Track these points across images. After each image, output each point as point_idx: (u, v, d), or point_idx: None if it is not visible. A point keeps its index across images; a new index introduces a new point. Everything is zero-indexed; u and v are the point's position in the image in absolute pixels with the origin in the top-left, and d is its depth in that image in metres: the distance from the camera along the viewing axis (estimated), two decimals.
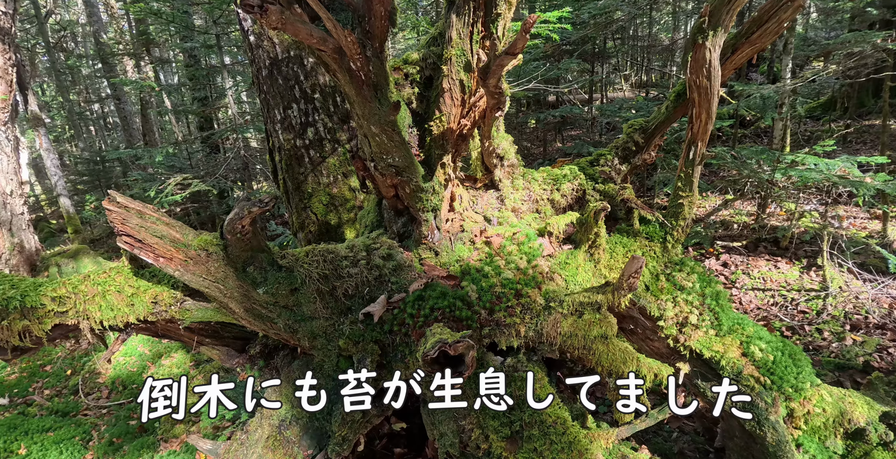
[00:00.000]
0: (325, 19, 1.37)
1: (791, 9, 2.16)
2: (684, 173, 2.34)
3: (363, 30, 1.53)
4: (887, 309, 4.95)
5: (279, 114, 3.31)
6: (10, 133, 8.44)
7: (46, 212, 18.69)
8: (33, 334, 1.70)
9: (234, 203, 6.34)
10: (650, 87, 10.46)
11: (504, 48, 1.42)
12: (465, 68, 1.67)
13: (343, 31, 1.41)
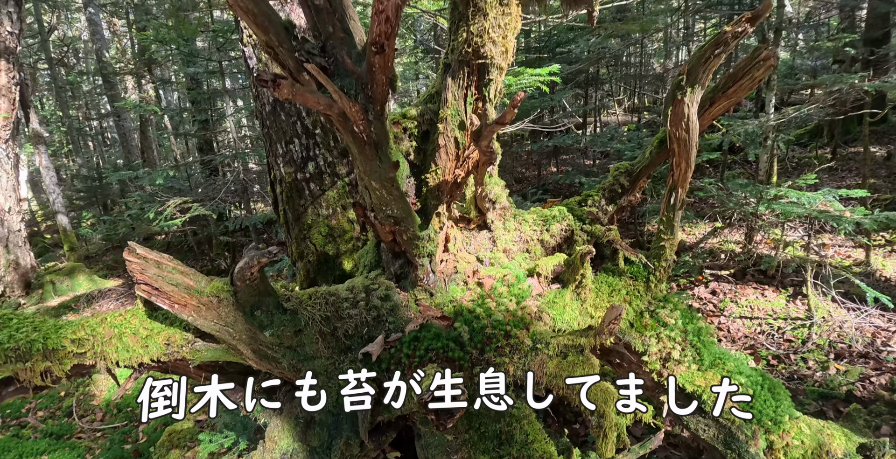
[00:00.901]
0: (332, 91, 1.51)
1: (763, 68, 2.33)
2: (666, 217, 2.48)
3: (366, 95, 1.67)
4: (870, 338, 5.07)
5: (281, 149, 3.45)
6: (10, 150, 8.54)
7: (41, 226, 18.69)
8: (53, 374, 1.79)
9: (234, 223, 6.45)
10: (643, 111, 10.74)
11: (494, 119, 1.56)
12: (460, 127, 1.81)
13: (347, 101, 1.54)
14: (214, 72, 6.24)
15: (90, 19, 14.50)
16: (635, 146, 4.92)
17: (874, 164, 9.63)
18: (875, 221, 4.83)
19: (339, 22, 1.67)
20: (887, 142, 10.94)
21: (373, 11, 1.44)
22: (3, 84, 7.83)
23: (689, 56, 2.21)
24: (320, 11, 1.64)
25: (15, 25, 7.64)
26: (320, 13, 1.64)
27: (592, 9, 1.82)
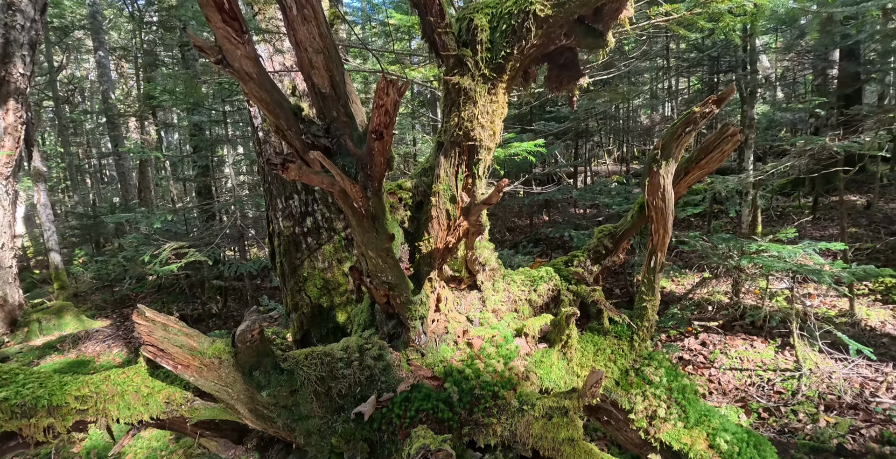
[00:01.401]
0: (335, 173, 1.66)
1: (731, 142, 2.54)
2: (647, 279, 2.61)
3: (365, 174, 1.83)
4: (859, 389, 5.11)
5: (281, 204, 3.60)
6: (10, 187, 8.64)
7: (31, 261, 18.55)
8: (55, 430, 1.83)
9: (229, 269, 6.51)
10: (631, 161, 11.14)
11: (482, 199, 1.71)
12: (451, 200, 1.96)
13: (349, 182, 1.69)
14: (218, 120, 6.50)
15: (99, 62, 15.04)
16: (622, 200, 5.13)
17: (855, 213, 9.93)
18: (853, 274, 4.98)
19: (343, 107, 1.84)
20: (867, 191, 11.30)
21: (374, 104, 1.62)
22: (9, 123, 8.03)
23: (664, 133, 2.42)
24: (326, 98, 1.82)
25: (27, 67, 7.94)
26: (326, 100, 1.82)
27: (572, 94, 2.02)
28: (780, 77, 11.02)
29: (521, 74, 1.89)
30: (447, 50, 1.80)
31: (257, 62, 1.67)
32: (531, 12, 1.69)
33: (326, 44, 1.75)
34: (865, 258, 7.98)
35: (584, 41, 1.89)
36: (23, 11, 7.61)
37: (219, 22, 1.54)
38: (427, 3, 1.74)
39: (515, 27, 1.72)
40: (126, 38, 19.68)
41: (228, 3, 1.54)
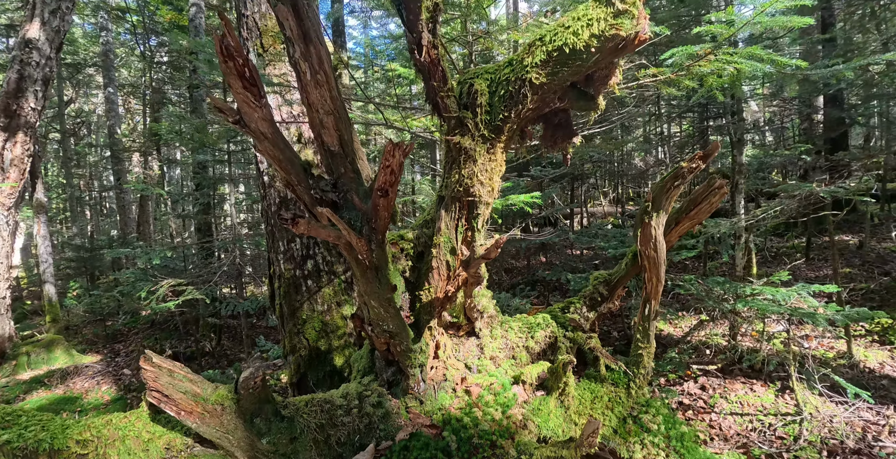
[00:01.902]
0: (341, 228, 1.74)
1: (718, 195, 2.66)
2: (642, 327, 2.66)
3: (370, 227, 1.91)
4: (861, 433, 5.04)
5: (283, 246, 3.67)
6: (11, 218, 8.69)
7: (24, 291, 18.36)
8: None
9: (227, 308, 6.48)
10: (626, 202, 11.34)
11: (481, 254, 1.79)
12: (451, 252, 2.04)
13: (354, 236, 1.77)
14: (222, 160, 6.66)
15: (108, 98, 15.44)
16: (618, 243, 5.22)
17: (848, 253, 10.03)
18: (847, 317, 5.02)
19: (350, 163, 1.95)
20: (859, 231, 11.44)
21: (381, 165, 1.72)
22: (16, 155, 8.16)
23: (653, 185, 2.53)
24: (335, 155, 1.93)
25: (38, 102, 8.14)
26: (335, 157, 1.93)
27: (566, 151, 2.14)
28: (768, 121, 11.40)
29: (518, 134, 2.01)
30: (449, 112, 1.93)
31: (272, 123, 1.79)
32: (527, 80, 1.83)
33: (336, 106, 1.87)
34: (860, 298, 8.01)
35: (577, 104, 2.03)
36: (39, 49, 7.90)
37: (240, 88, 1.67)
38: (431, 70, 1.88)
39: (513, 93, 1.86)
40: (135, 76, 20.30)
41: (249, 72, 1.67)
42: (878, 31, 7.69)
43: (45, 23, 7.99)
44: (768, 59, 2.34)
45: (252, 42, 3.71)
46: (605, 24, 1.78)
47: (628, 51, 1.89)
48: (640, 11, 1.83)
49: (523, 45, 1.89)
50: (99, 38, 16.18)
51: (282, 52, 3.71)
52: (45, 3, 7.98)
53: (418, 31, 1.81)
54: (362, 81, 9.58)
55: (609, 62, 1.94)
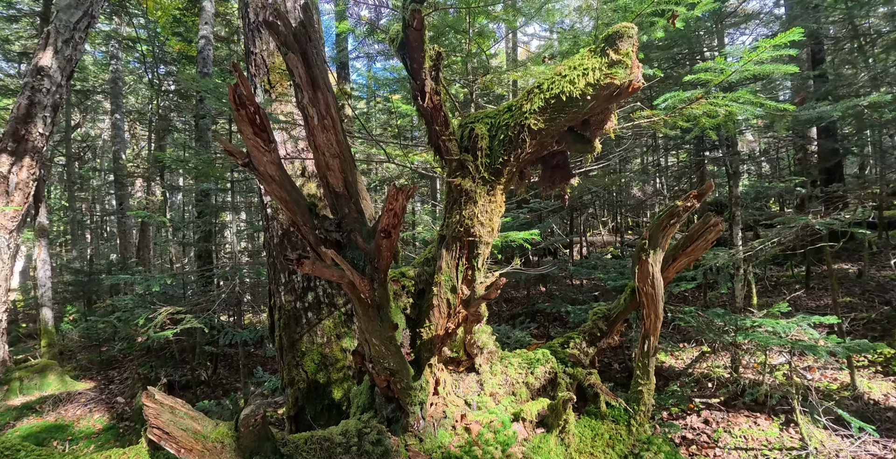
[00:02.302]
0: (345, 268, 1.78)
1: (713, 232, 2.71)
2: (641, 363, 2.66)
3: (373, 266, 1.95)
4: None
5: (284, 278, 3.69)
6: (12, 241, 8.70)
7: (19, 314, 18.21)
8: None
9: (225, 337, 6.43)
10: (625, 231, 11.40)
11: (481, 294, 1.83)
12: (451, 290, 2.07)
13: (357, 276, 1.81)
14: (225, 189, 6.74)
15: (115, 124, 15.70)
16: (617, 275, 5.25)
17: (848, 282, 10.01)
18: (848, 349, 5.00)
19: (354, 204, 2.00)
20: (857, 259, 11.44)
21: (384, 207, 1.78)
22: (22, 178, 8.24)
23: (649, 224, 2.59)
24: (339, 197, 1.98)
25: (47, 128, 8.26)
26: (339, 198, 1.98)
27: (564, 192, 2.20)
28: (763, 151, 11.60)
29: (517, 175, 2.08)
30: (451, 154, 2.00)
31: (280, 167, 1.85)
32: (526, 125, 1.90)
33: (342, 149, 1.94)
34: (862, 328, 7.97)
35: (574, 147, 2.10)
36: (51, 77, 8.09)
37: (250, 134, 1.74)
38: (433, 115, 1.96)
39: (512, 137, 1.93)
40: (142, 103, 20.70)
41: (260, 119, 1.74)
42: (865, 65, 7.93)
43: (58, 51, 8.21)
44: (757, 102, 2.43)
45: (260, 79, 3.84)
46: (600, 73, 1.86)
47: (623, 98, 1.97)
48: (634, 61, 1.92)
49: (522, 92, 1.98)
50: (109, 65, 16.60)
51: (288, 91, 3.84)
52: (60, 33, 8.22)
53: (421, 79, 1.90)
54: (365, 112, 9.80)
55: (604, 108, 2.02)
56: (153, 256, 15.95)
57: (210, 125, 8.74)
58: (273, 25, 1.94)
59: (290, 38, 1.91)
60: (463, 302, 2.01)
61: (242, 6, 4.12)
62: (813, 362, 7.07)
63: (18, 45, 15.85)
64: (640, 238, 2.64)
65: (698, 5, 2.48)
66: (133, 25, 14.81)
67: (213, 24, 10.15)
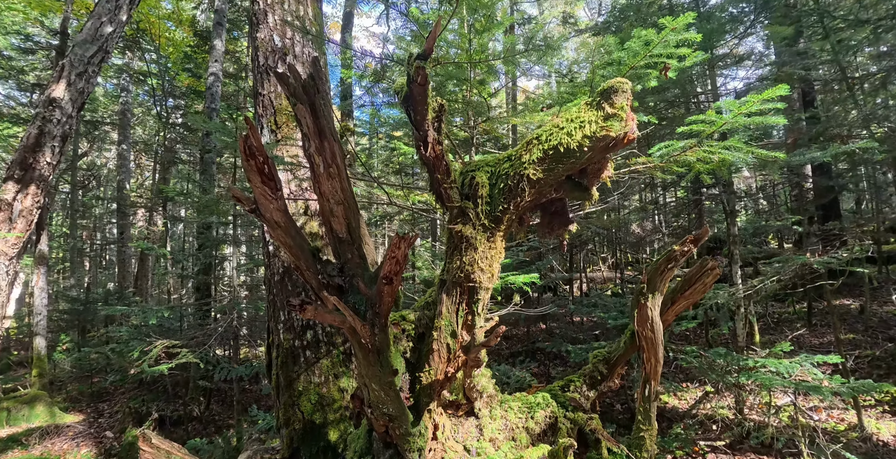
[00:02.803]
0: (347, 315, 1.79)
1: (711, 275, 2.74)
2: (643, 408, 2.63)
3: (374, 311, 1.97)
4: None
5: (283, 316, 3.69)
6: (11, 268, 8.67)
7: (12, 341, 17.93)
8: None
9: (221, 372, 6.33)
10: (625, 267, 11.40)
11: (481, 341, 1.84)
12: (451, 335, 2.08)
13: (358, 321, 1.82)
14: (227, 222, 6.79)
15: (121, 154, 15.94)
16: (618, 314, 5.23)
17: (850, 318, 9.92)
18: (853, 389, 4.93)
19: (357, 249, 2.04)
20: (859, 294, 11.37)
21: (387, 254, 1.81)
22: (26, 206, 8.28)
23: (647, 268, 2.62)
24: (342, 242, 2.02)
25: (55, 157, 8.37)
26: (342, 243, 2.02)
27: (563, 238, 2.24)
28: (760, 188, 11.76)
29: (516, 222, 2.12)
30: (452, 202, 2.05)
31: (286, 213, 1.90)
32: (525, 175, 1.96)
33: (346, 196, 1.99)
34: (867, 366, 7.85)
35: (572, 194, 2.16)
36: (62, 108, 8.27)
37: (258, 183, 1.79)
38: (435, 164, 2.02)
39: (512, 186, 1.99)
40: (149, 134, 21.09)
41: (268, 169, 1.81)
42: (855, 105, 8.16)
43: (71, 84, 8.42)
44: (748, 150, 2.51)
45: (267, 119, 3.96)
46: (597, 126, 1.94)
47: (618, 149, 2.04)
48: (628, 114, 2.01)
49: (521, 142, 2.05)
50: (119, 97, 17.03)
51: (294, 131, 3.94)
52: (74, 67, 8.47)
53: (424, 130, 1.97)
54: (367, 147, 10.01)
55: (601, 158, 2.09)
56: (151, 286, 15.86)
57: (215, 159, 8.90)
58: (283, 77, 2.04)
59: (300, 89, 2.00)
60: (463, 347, 2.02)
61: (253, 49, 4.29)
62: (819, 402, 6.93)
63: (33, 75, 16.30)
64: (638, 281, 2.66)
65: (688, 57, 2.59)
66: (145, 60, 15.30)
67: (222, 61, 10.51)
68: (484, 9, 2.41)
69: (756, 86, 6.81)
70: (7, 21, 12.71)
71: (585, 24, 11.15)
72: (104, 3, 8.87)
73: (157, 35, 13.85)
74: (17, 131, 16.73)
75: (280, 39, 4.05)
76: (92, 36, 8.58)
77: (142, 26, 13.88)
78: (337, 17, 20.66)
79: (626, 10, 8.16)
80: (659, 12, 8.05)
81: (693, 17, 2.22)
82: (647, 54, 2.35)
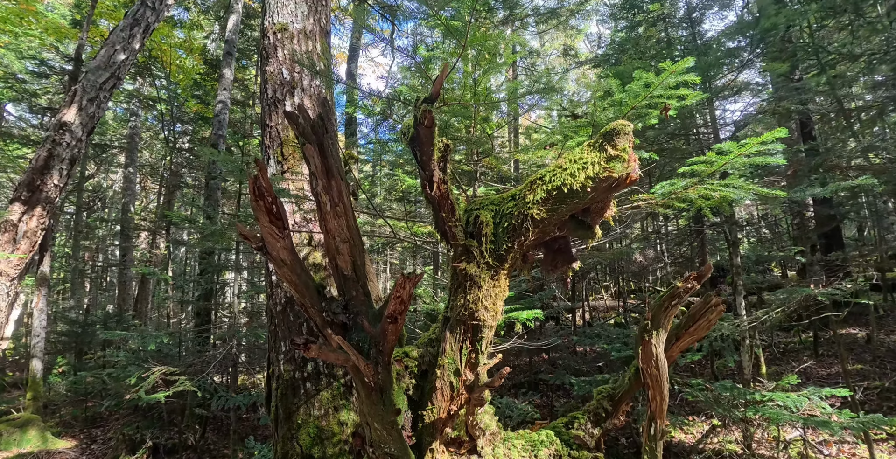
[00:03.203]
0: (351, 354, 1.79)
1: (715, 312, 2.73)
2: (648, 447, 2.58)
3: (377, 349, 1.96)
4: None
5: (284, 347, 3.66)
6: (13, 289, 8.64)
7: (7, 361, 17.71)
8: None
9: (218, 401, 6.24)
10: (628, 295, 11.34)
11: (485, 381, 1.83)
12: (455, 374, 2.07)
13: (362, 360, 1.82)
14: (229, 248, 6.82)
15: (127, 177, 16.10)
16: (621, 345, 5.19)
17: (858, 348, 9.77)
18: (863, 424, 4.82)
19: (362, 287, 2.05)
20: (865, 323, 11.22)
21: (392, 294, 1.82)
22: (31, 227, 8.31)
23: (651, 304, 2.62)
24: (347, 279, 2.04)
25: (62, 180, 8.46)
26: (347, 281, 2.03)
27: (566, 276, 2.25)
28: (762, 216, 11.79)
29: (520, 260, 2.14)
30: (456, 240, 2.07)
31: (292, 251, 1.92)
32: (529, 215, 1.99)
33: (352, 234, 2.02)
34: (876, 398, 7.69)
35: (576, 232, 2.18)
36: (72, 132, 8.40)
37: (266, 222, 1.82)
38: (440, 203, 2.05)
39: (516, 226, 2.02)
40: (156, 158, 21.36)
41: (276, 208, 1.84)
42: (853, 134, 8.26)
43: (82, 108, 8.58)
44: (748, 188, 2.54)
45: (273, 150, 4.03)
46: (599, 167, 1.98)
47: (621, 189, 2.08)
48: (630, 155, 2.05)
49: (525, 181, 2.09)
50: (128, 122, 17.33)
51: (300, 163, 4.00)
52: (86, 92, 8.65)
53: (430, 170, 2.01)
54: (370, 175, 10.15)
55: (604, 198, 2.12)
56: (150, 309, 15.78)
57: (220, 184, 9.00)
58: (293, 117, 2.09)
59: (308, 129, 2.05)
60: (466, 386, 2.01)
61: (262, 82, 4.40)
62: (829, 436, 6.77)
63: (45, 99, 16.64)
64: (642, 310, 2.66)
65: (688, 97, 2.66)
66: (155, 86, 15.66)
67: (230, 89, 10.76)
68: (488, 51, 2.49)
69: (754, 118, 6.92)
70: (24, 46, 13.08)
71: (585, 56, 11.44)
72: (118, 32, 9.14)
73: (169, 62, 14.22)
74: (26, 152, 16.98)
75: (289, 73, 4.16)
76: (105, 63, 8.80)
77: (154, 54, 14.26)
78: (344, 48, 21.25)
79: (625, 44, 8.38)
80: (656, 45, 8.27)
81: (692, 61, 2.29)
82: (647, 95, 2.42)
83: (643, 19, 8.59)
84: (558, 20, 11.54)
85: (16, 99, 14.37)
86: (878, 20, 8.78)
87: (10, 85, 13.55)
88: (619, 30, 9.33)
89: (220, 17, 15.48)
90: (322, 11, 4.51)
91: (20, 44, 12.89)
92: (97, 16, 13.35)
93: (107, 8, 13.55)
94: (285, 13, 4.32)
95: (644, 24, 8.61)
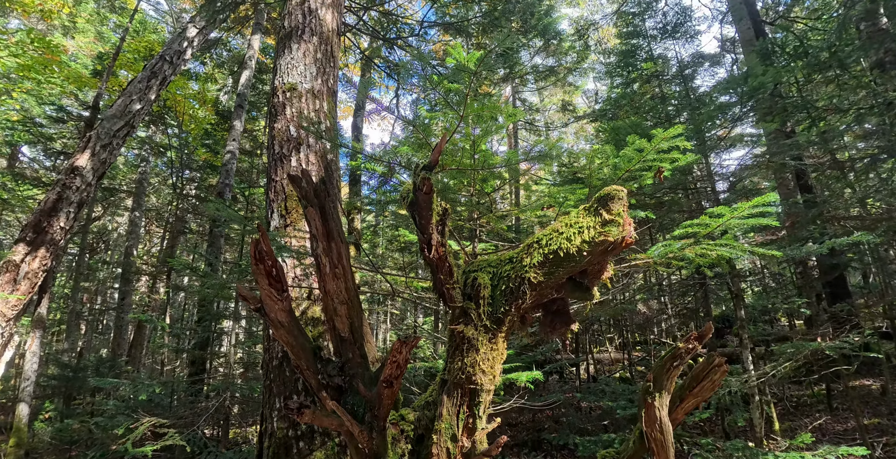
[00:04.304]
0: (345, 420, 1.76)
1: (719, 372, 2.68)
2: None
3: (372, 414, 1.92)
4: None
5: (279, 403, 3.58)
6: (8, 330, 8.49)
7: None
8: None
9: (207, 458, 5.99)
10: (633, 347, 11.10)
11: (482, 450, 1.78)
12: (452, 439, 2.01)
13: (356, 426, 1.78)
14: (228, 298, 6.79)
15: (133, 220, 16.25)
16: (626, 403, 5.04)
17: (873, 400, 9.41)
18: None
19: (359, 348, 2.04)
20: (878, 373, 10.85)
21: (389, 358, 1.81)
22: (32, 268, 8.28)
23: (654, 365, 2.58)
24: (344, 341, 2.03)
25: (69, 223, 8.52)
26: (344, 342, 2.03)
27: (565, 337, 2.24)
28: (765, 266, 11.75)
29: (518, 322, 2.14)
30: (454, 302, 2.08)
31: (290, 314, 1.93)
32: (526, 279, 2.01)
33: (351, 296, 2.03)
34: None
35: (573, 294, 2.19)
36: (83, 176, 8.57)
37: (265, 285, 1.84)
38: (439, 265, 2.08)
39: (513, 289, 2.03)
40: (162, 203, 21.69)
41: (276, 271, 1.86)
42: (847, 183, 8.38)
43: (95, 154, 8.80)
44: (743, 249, 2.57)
45: (277, 204, 4.12)
46: (595, 231, 2.02)
47: (616, 252, 2.11)
48: (626, 219, 2.09)
49: (523, 245, 2.12)
50: (138, 167, 17.74)
51: (302, 218, 4.07)
52: (100, 139, 8.90)
53: (429, 233, 2.05)
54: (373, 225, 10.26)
55: (600, 260, 2.14)
56: (145, 355, 15.46)
57: (223, 232, 9.09)
58: (296, 180, 2.16)
59: (311, 193, 2.11)
60: (463, 454, 1.95)
61: (270, 137, 4.56)
62: None
63: (60, 143, 17.12)
64: (647, 364, 2.61)
65: (680, 160, 2.75)
66: (167, 134, 16.17)
67: (239, 140, 11.11)
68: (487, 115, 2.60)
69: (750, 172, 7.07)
70: (45, 92, 13.64)
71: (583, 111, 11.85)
72: (136, 83, 9.57)
73: (182, 112, 14.77)
74: (36, 193, 17.29)
75: (296, 130, 4.33)
76: (121, 111, 9.15)
77: (168, 104, 14.84)
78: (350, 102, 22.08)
79: (621, 99, 8.72)
80: (651, 101, 8.60)
81: (681, 129, 2.39)
82: (640, 159, 2.50)
83: (637, 76, 8.99)
84: (556, 77, 12.11)
85: (32, 141, 14.82)
86: (862, 74, 9.15)
87: (27, 128, 14.02)
88: (615, 86, 9.75)
89: (233, 72, 16.22)
90: (330, 72, 4.76)
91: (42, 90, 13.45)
92: (118, 67, 14.02)
93: (127, 60, 14.25)
94: (295, 74, 4.55)
95: (639, 81, 8.99)
